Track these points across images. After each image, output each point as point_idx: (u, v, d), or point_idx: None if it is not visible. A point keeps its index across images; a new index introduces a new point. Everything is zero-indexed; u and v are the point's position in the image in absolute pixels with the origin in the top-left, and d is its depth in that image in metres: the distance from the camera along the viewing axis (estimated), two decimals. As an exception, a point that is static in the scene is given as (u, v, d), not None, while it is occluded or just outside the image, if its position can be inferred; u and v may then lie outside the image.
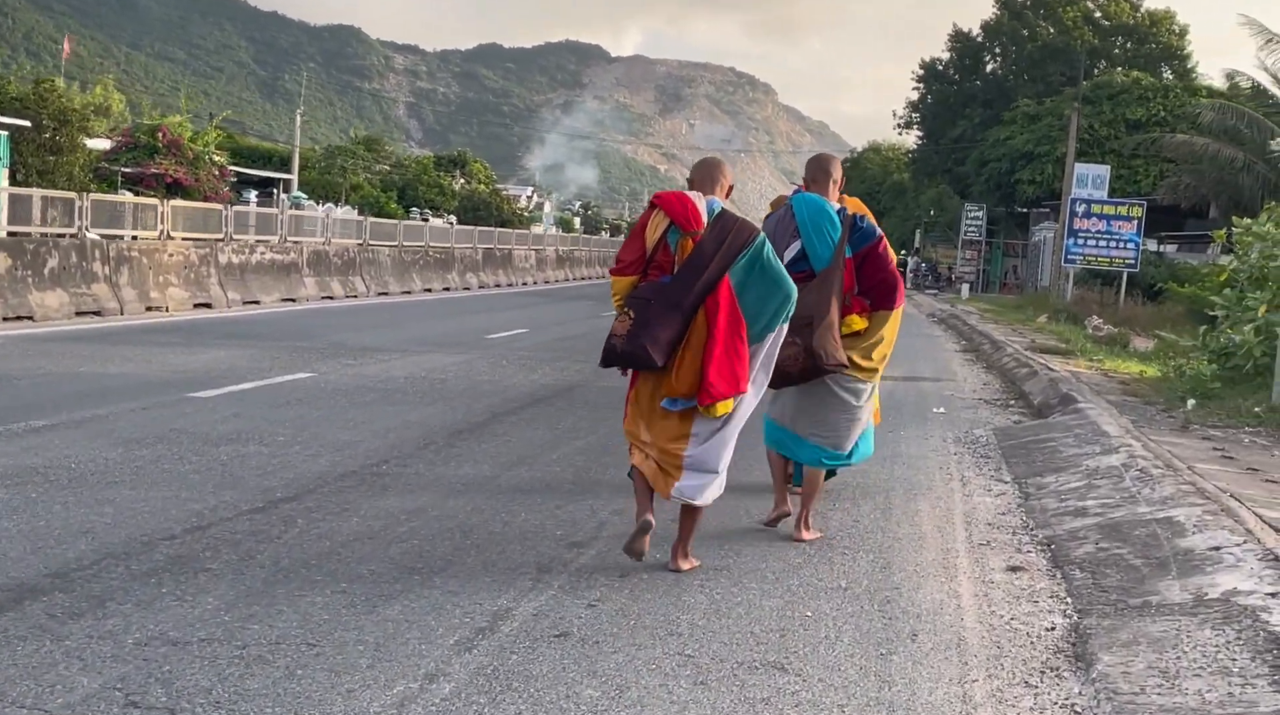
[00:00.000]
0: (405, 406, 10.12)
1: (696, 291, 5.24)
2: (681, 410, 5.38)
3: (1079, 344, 19.02)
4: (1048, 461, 8.51)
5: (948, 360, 18.22)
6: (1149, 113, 52.75)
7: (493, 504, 6.64)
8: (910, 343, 21.04)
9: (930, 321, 30.21)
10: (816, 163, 6.51)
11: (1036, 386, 13.07)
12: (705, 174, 5.61)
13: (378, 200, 70.28)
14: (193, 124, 51.47)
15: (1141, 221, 28.24)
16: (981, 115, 64.41)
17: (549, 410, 10.49)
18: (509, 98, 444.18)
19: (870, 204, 33.36)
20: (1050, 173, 53.38)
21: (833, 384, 6.25)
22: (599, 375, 13.32)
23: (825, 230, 6.18)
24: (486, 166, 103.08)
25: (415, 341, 15.94)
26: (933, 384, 14.51)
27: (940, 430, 10.54)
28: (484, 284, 32.93)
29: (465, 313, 22.67)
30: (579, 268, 45.26)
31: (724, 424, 5.42)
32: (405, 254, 27.78)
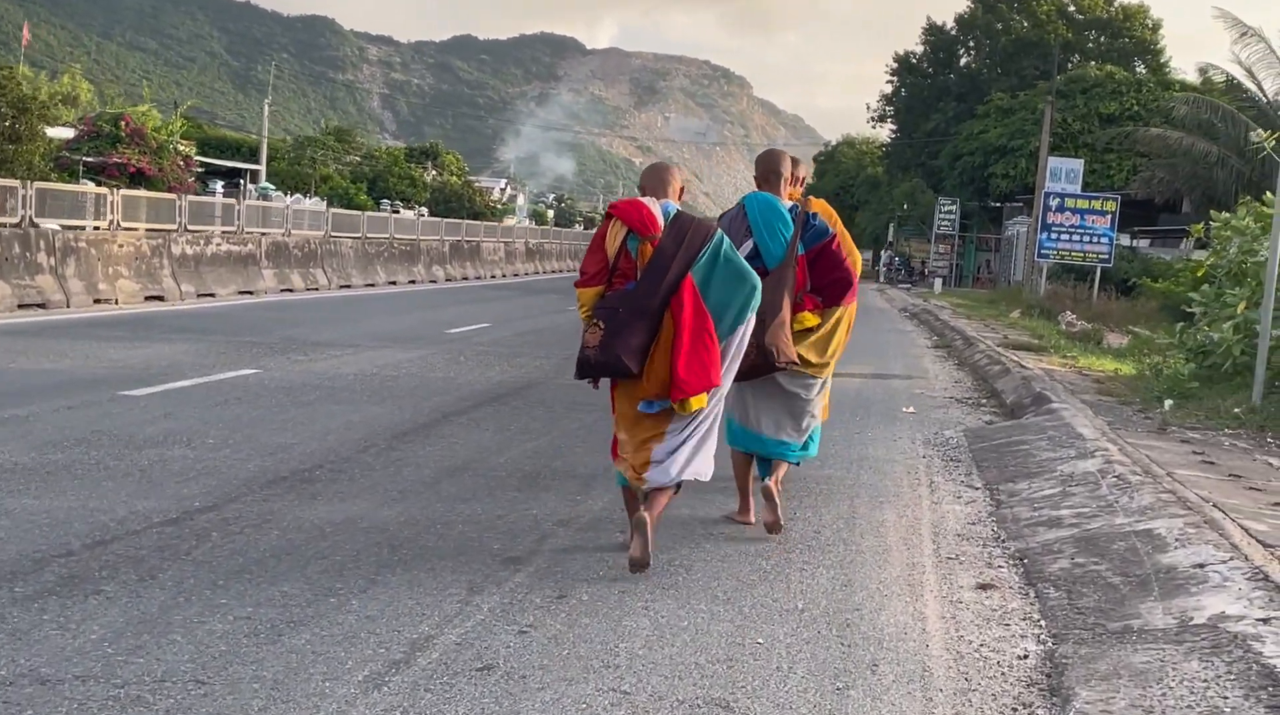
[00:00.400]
0: (351, 406, 9.65)
1: (661, 293, 5.31)
2: (659, 411, 5.44)
3: (1052, 340, 18.69)
4: (1020, 466, 8.12)
5: (919, 357, 17.86)
6: (1122, 107, 52.63)
7: (428, 514, 6.19)
8: (881, 339, 20.69)
9: (902, 316, 29.88)
10: (766, 161, 6.51)
11: (1009, 385, 12.70)
12: (656, 179, 5.68)
13: (346, 192, 69.59)
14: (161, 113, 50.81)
15: (1115, 216, 27.96)
16: (955, 109, 64.25)
17: (502, 410, 10.04)
18: (484, 90, 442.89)
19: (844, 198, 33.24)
20: (1024, 167, 53.22)
21: (784, 380, 6.32)
22: (558, 372, 12.90)
23: (777, 228, 6.20)
24: (459, 158, 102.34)
25: (371, 336, 15.46)
26: (903, 382, 14.12)
27: (910, 431, 10.15)
28: (451, 277, 32.41)
29: (428, 306, 22.18)
30: (549, 261, 44.74)
31: (700, 420, 5.49)
32: (369, 246, 27.24)
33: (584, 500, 6.74)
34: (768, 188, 6.39)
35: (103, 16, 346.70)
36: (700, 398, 5.34)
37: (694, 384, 5.29)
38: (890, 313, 31.40)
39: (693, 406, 5.33)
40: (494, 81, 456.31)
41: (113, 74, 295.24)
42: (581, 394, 11.23)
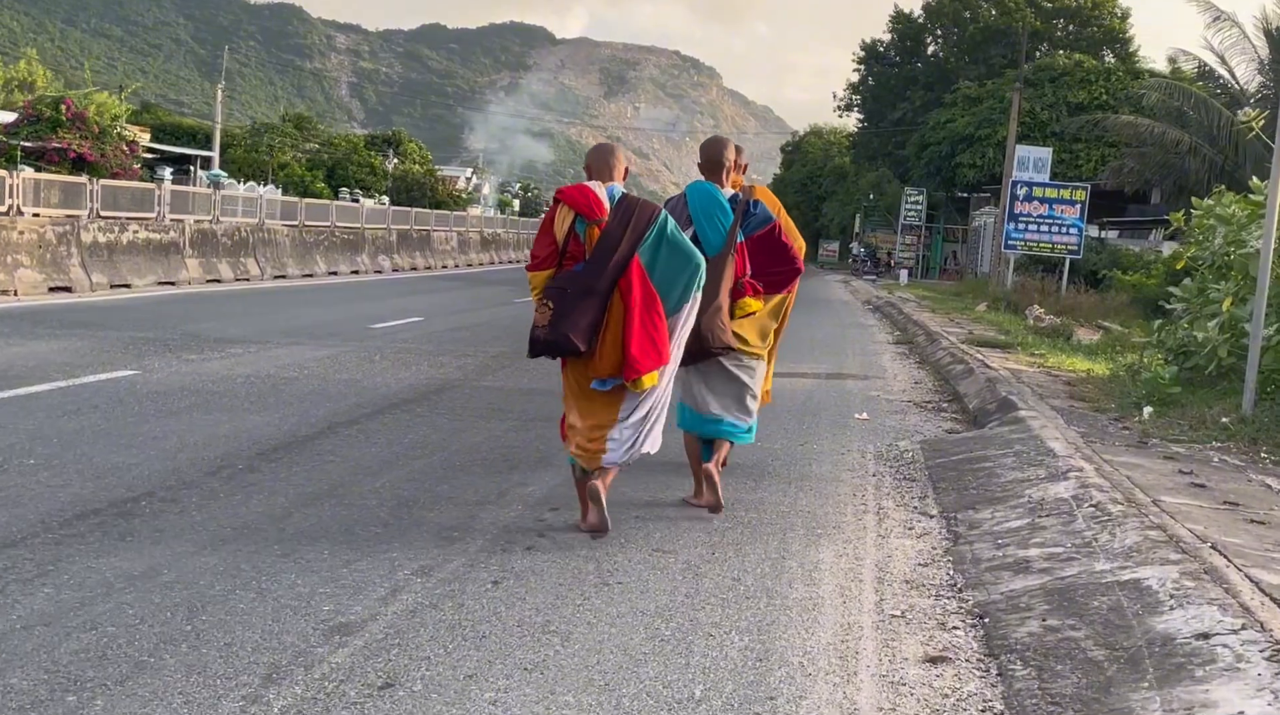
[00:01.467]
0: (227, 414, 8.48)
1: (609, 274, 5.49)
2: (611, 389, 5.66)
3: (1019, 336, 17.67)
4: (983, 489, 7.04)
5: (878, 354, 16.79)
6: (1091, 95, 51.86)
7: (256, 561, 5.04)
8: (840, 333, 19.63)
9: (865, 309, 28.84)
10: (708, 150, 6.60)
11: (972, 387, 11.63)
12: (601, 161, 5.81)
13: (303, 179, 68.05)
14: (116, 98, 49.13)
15: (1085, 206, 26.97)
16: (922, 98, 63.39)
17: (403, 418, 8.88)
18: (453, 79, 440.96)
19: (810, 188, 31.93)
20: (991, 156, 52.37)
21: (727, 363, 6.48)
22: (482, 372, 11.77)
23: (716, 217, 6.35)
24: (422, 146, 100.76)
25: (285, 332, 14.25)
26: (859, 383, 13.04)
27: (860, 442, 9.07)
28: (398, 267, 31.15)
29: (361, 298, 20.95)
30: (505, 250, 43.49)
31: (649, 397, 5.71)
32: (308, 234, 25.94)
33: (461, 539, 5.61)
34: (711, 177, 6.50)
35: (67, 3, 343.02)
36: (652, 376, 5.57)
37: (646, 362, 5.51)
38: (853, 306, 30.38)
39: (645, 384, 5.57)
40: (463, 70, 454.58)
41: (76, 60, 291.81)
42: (499, 399, 10.12)
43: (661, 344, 5.57)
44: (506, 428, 8.74)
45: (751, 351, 6.55)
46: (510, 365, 12.49)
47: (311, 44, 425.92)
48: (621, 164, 5.87)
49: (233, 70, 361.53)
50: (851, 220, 70.55)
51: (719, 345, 6.22)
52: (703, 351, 6.19)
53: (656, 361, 5.56)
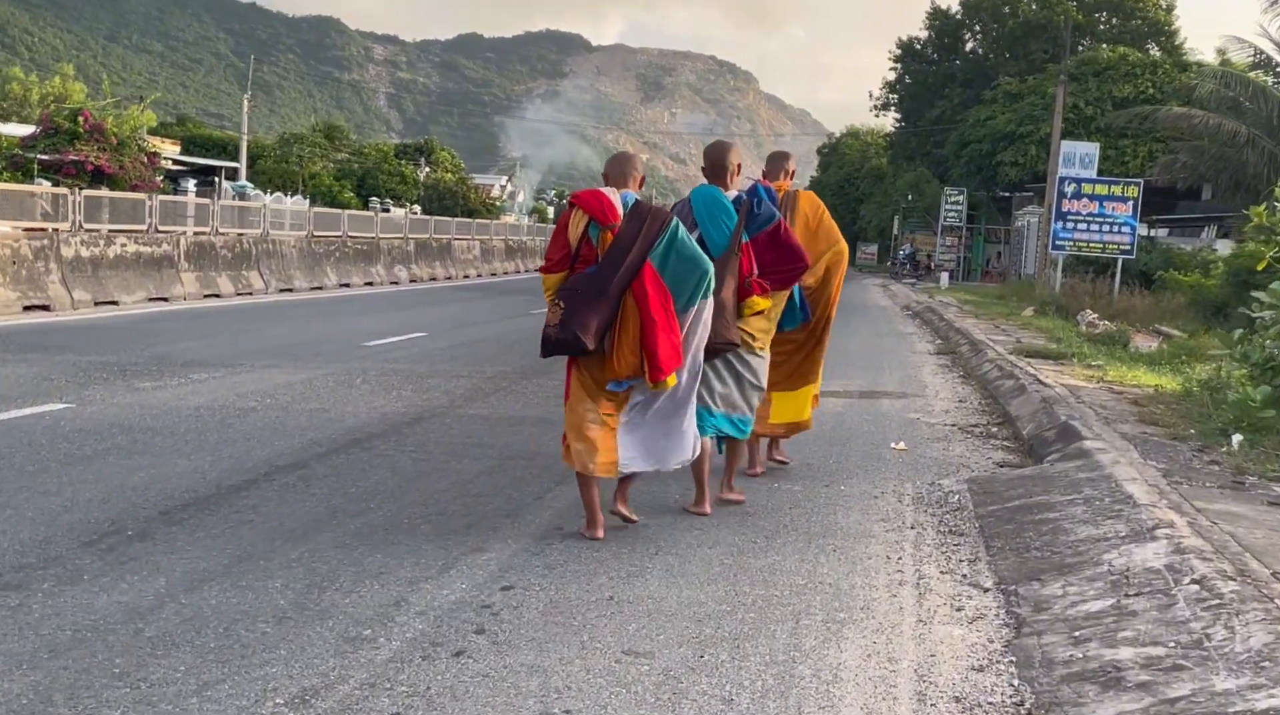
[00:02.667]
0: (151, 458, 7.24)
1: (620, 278, 5.64)
2: (625, 389, 5.84)
3: (1072, 344, 16.21)
4: (1049, 549, 5.67)
5: (918, 367, 15.38)
6: (1137, 89, 50.13)
7: (75, 690, 3.75)
8: (877, 343, 18.23)
9: (904, 315, 27.37)
10: (711, 154, 6.72)
11: (1026, 408, 10.22)
12: (618, 169, 5.99)
13: (330, 189, 67.18)
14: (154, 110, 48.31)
15: (1138, 203, 25.38)
16: (961, 95, 61.77)
17: (360, 458, 7.61)
18: (489, 87, 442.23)
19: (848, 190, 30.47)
20: (1034, 154, 50.73)
21: (734, 361, 6.60)
22: (471, 397, 10.49)
23: (720, 220, 6.46)
24: (454, 154, 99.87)
25: (266, 352, 13.03)
26: (896, 402, 11.66)
27: (897, 480, 7.71)
28: (417, 278, 29.97)
29: (365, 311, 19.72)
30: (531, 258, 42.24)
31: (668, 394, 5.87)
32: (317, 245, 24.78)
33: (372, 640, 4.31)
34: (714, 180, 6.63)
35: (109, 19, 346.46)
36: (673, 376, 5.73)
37: (669, 363, 5.67)
38: (891, 312, 28.91)
39: (669, 384, 5.75)
40: (500, 79, 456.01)
41: (119, 76, 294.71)
42: (480, 431, 8.83)
43: (679, 345, 5.75)
44: (479, 470, 7.45)
45: (756, 346, 6.68)
46: (505, 387, 11.20)
47: (350, 56, 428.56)
48: (638, 174, 6.02)
49: (272, 83, 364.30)
50: (890, 222, 68.87)
51: (722, 342, 6.26)
52: (710, 349, 6.20)
53: (677, 362, 5.73)
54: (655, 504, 6.70)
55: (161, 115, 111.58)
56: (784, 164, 7.52)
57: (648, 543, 5.87)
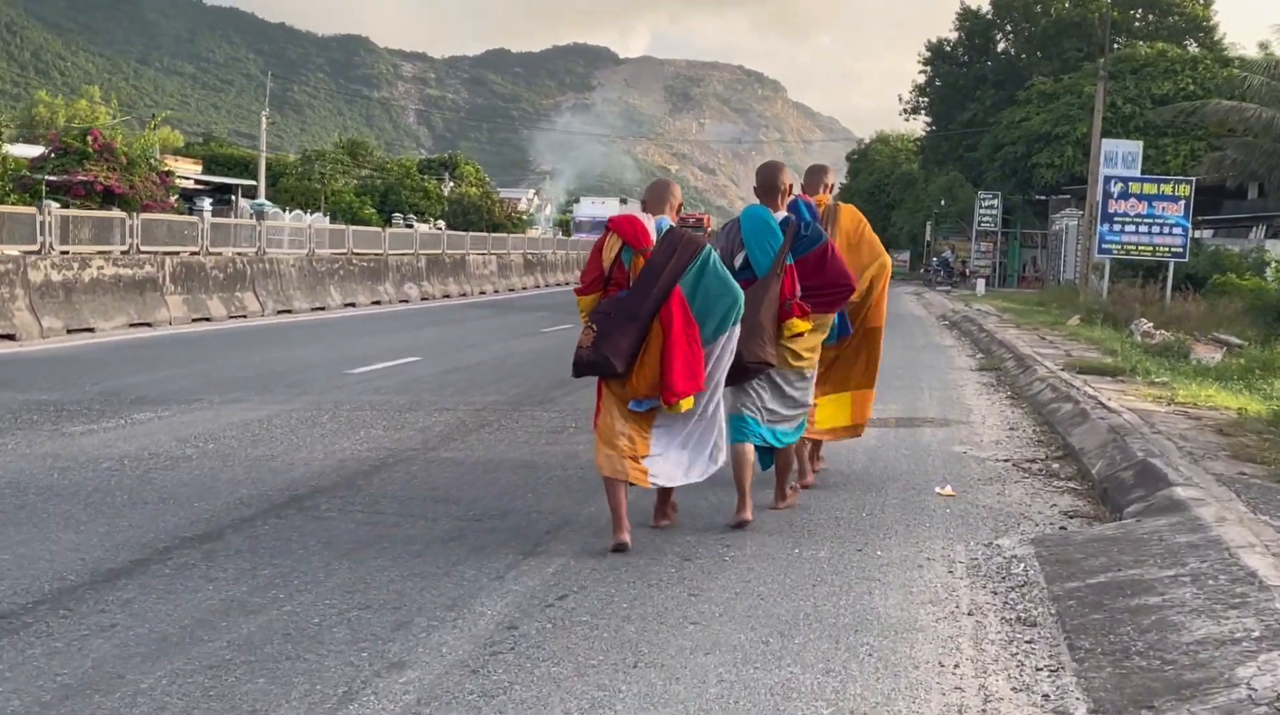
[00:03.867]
0: (31, 529, 5.96)
1: (651, 302, 5.82)
2: (647, 411, 5.99)
3: (1130, 358, 14.72)
4: (1156, 655, 4.25)
5: (959, 386, 13.94)
6: (1177, 86, 48.39)
7: None
8: (913, 358, 16.80)
9: (940, 326, 25.87)
10: (763, 175, 6.75)
11: (1091, 439, 8.78)
12: (656, 196, 6.19)
13: (350, 206, 66.17)
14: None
15: (1190, 202, 23.80)
16: (993, 97, 60.14)
17: (292, 524, 6.28)
18: (518, 102, 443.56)
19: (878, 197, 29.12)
20: (1070, 155, 49.07)
21: (778, 378, 6.64)
22: (446, 437, 9.13)
23: (765, 241, 6.54)
24: (478, 168, 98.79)
25: (230, 384, 11.72)
26: (938, 431, 10.23)
27: (945, 540, 6.31)
28: (428, 295, 28.69)
29: (362, 334, 18.38)
30: (552, 273, 40.93)
31: (691, 417, 6.04)
32: (319, 263, 23.52)
33: None
34: (765, 200, 6.66)
35: (140, 43, 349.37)
36: (689, 400, 5.89)
37: (685, 387, 5.84)
38: (927, 322, 27.41)
39: (683, 407, 5.89)
40: (528, 94, 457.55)
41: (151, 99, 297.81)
42: (450, 480, 7.47)
43: (699, 371, 5.87)
44: (434, 536, 6.11)
45: (799, 366, 6.70)
46: (492, 422, 9.86)
47: (379, 74, 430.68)
48: (676, 199, 6.17)
49: (302, 102, 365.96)
50: (922, 228, 67.19)
51: (754, 361, 6.33)
52: (741, 369, 6.31)
53: (693, 386, 5.86)
54: (639, 594, 5.33)
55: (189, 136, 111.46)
56: (823, 178, 7.53)
57: (626, 649, 4.49)
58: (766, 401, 6.62)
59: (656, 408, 5.93)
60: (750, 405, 6.57)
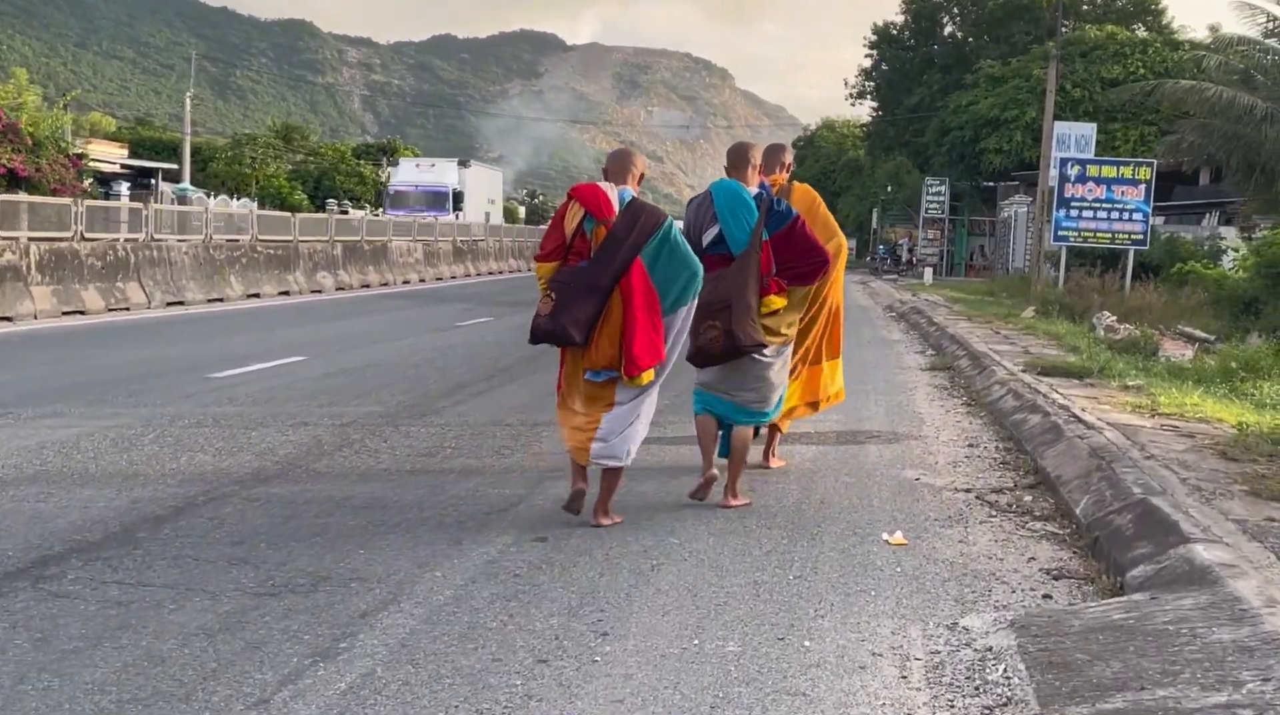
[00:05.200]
0: None
1: (611, 273, 5.80)
2: (604, 381, 5.94)
3: (1096, 356, 13.28)
4: None
5: (909, 389, 12.42)
6: (1127, 70, 47.36)
7: None
8: (859, 356, 15.27)
9: (887, 317, 24.43)
10: (736, 150, 6.69)
11: (1070, 465, 7.25)
12: (618, 165, 6.12)
13: (280, 191, 63.85)
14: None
15: (1151, 186, 22.44)
16: (940, 81, 58.92)
17: (11, 607, 4.60)
18: (465, 89, 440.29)
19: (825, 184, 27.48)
20: (1019, 140, 47.98)
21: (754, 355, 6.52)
22: (292, 463, 7.39)
23: (741, 215, 6.39)
24: (417, 153, 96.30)
25: (58, 392, 9.96)
26: (885, 449, 8.68)
27: (894, 618, 4.75)
28: (344, 285, 26.82)
29: (245, 329, 16.53)
30: (484, 261, 39.07)
31: (641, 393, 6.00)
32: (216, 251, 21.63)
33: None
34: (735, 174, 6.60)
35: (78, 27, 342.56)
36: (649, 372, 5.88)
37: (647, 360, 5.83)
38: (873, 313, 25.97)
39: (644, 380, 5.88)
40: (475, 80, 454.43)
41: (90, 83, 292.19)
42: (267, 523, 5.73)
43: (659, 343, 5.88)
44: (207, 621, 4.47)
45: (775, 342, 6.60)
46: (355, 442, 8.19)
47: (323, 59, 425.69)
48: (638, 169, 6.15)
49: (245, 88, 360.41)
50: (868, 215, 65.95)
51: (750, 343, 6.32)
52: (736, 350, 6.32)
53: (655, 359, 5.87)
54: None
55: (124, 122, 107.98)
56: (780, 157, 7.30)
57: None
58: (734, 377, 6.54)
59: (616, 381, 5.90)
60: (719, 382, 6.56)
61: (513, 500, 6.65)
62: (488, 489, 6.92)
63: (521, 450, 8.13)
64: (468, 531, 5.91)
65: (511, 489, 6.93)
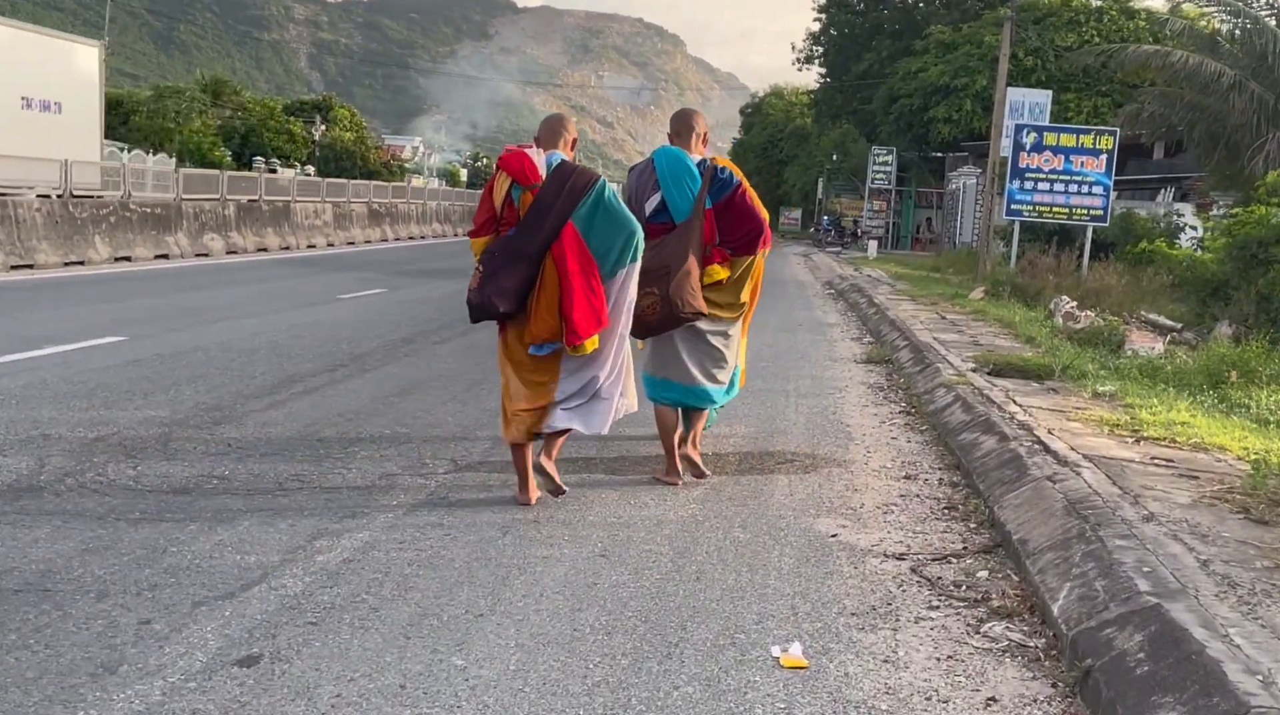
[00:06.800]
0: None
1: (541, 239, 5.51)
2: (548, 354, 5.67)
3: (1057, 351, 11.42)
4: None
5: (839, 390, 10.46)
6: (1081, 38, 45.63)
7: None
8: (787, 343, 13.36)
9: (824, 295, 22.52)
10: (679, 118, 6.49)
11: (1039, 523, 5.31)
12: (549, 130, 5.82)
13: (199, 147, 60.93)
14: None
15: (1113, 157, 20.64)
16: (890, 48, 56.97)
17: None
18: (413, 49, 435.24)
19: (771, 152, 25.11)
20: (970, 109, 46.21)
21: (703, 327, 6.32)
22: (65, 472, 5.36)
23: (684, 182, 6.22)
24: (354, 112, 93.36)
25: None
26: (797, 482, 6.71)
27: None
28: (236, 248, 24.50)
29: (68, 302, 14.18)
30: (404, 225, 36.75)
31: (594, 362, 5.70)
32: (78, 208, 19.28)
33: None
34: (679, 142, 6.38)
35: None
36: (593, 340, 5.57)
37: (586, 327, 5.53)
38: (810, 289, 24.06)
39: (587, 349, 5.58)
40: (425, 40, 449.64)
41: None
42: None
43: (600, 308, 5.59)
44: None
45: (726, 316, 6.40)
46: (79, 473, 6.11)
47: (269, 15, 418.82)
48: (570, 134, 5.83)
49: (189, 43, 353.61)
50: (814, 185, 64.09)
51: (689, 311, 6.12)
52: (674, 318, 6.12)
53: (595, 326, 5.58)
54: None
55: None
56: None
57: None
58: (686, 359, 6.35)
59: (561, 352, 5.67)
60: (671, 366, 6.37)
61: (253, 574, 4.63)
62: (230, 552, 4.89)
63: (314, 485, 6.10)
64: (145, 642, 3.88)
65: (262, 555, 4.90)
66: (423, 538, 5.25)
